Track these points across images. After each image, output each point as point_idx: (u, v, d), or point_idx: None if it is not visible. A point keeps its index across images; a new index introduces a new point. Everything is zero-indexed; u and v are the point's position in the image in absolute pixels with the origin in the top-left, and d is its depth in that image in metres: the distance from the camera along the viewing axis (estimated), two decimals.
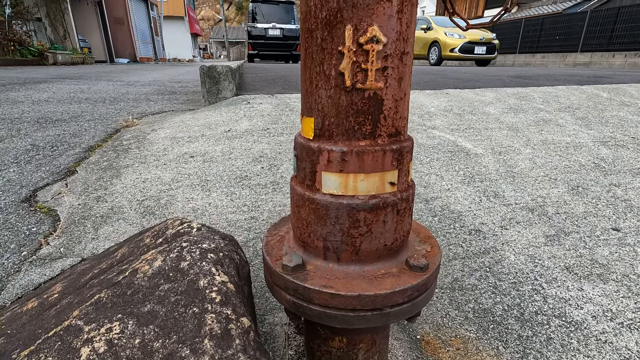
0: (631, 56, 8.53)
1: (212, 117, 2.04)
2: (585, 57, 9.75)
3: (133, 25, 15.01)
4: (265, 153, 1.49)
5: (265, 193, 1.17)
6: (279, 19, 12.62)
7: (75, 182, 1.22)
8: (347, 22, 0.39)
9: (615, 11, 8.97)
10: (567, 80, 3.50)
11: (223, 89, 2.50)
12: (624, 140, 1.84)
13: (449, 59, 10.43)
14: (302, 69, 0.45)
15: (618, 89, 2.92)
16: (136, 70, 7.34)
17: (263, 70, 5.23)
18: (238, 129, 1.80)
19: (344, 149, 0.43)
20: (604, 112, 2.31)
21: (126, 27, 14.56)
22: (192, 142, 1.64)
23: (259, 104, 2.27)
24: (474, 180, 1.35)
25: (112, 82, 4.37)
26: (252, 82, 3.28)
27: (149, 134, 1.78)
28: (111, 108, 2.51)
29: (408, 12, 0.40)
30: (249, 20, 12.45)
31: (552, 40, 10.90)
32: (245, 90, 2.76)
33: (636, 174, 1.47)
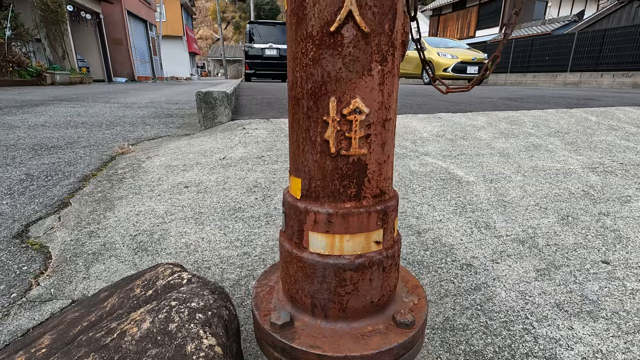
0: (619, 76, 8.77)
1: (208, 144, 2.06)
2: (574, 76, 10.01)
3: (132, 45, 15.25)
4: (259, 183, 1.50)
5: (259, 226, 1.17)
6: (275, 40, 12.88)
7: (68, 216, 1.22)
8: (331, 95, 0.41)
9: (601, 33, 9.28)
10: (557, 103, 3.58)
11: (219, 114, 2.53)
12: (612, 166, 1.87)
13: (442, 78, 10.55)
14: (290, 132, 0.47)
15: (606, 112, 2.99)
16: (134, 91, 7.42)
17: (259, 91, 5.30)
18: (233, 156, 1.82)
19: (330, 210, 0.44)
20: (592, 136, 2.36)
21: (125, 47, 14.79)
22: (187, 170, 1.65)
23: (254, 130, 2.29)
24: (466, 210, 1.36)
25: (110, 104, 4.41)
26: (249, 105, 3.33)
27: (144, 162, 1.79)
28: (107, 133, 2.53)
29: (389, 83, 0.43)
30: (247, 41, 12.70)
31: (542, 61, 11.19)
32: (241, 114, 2.80)
33: (624, 202, 1.49)
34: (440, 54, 10.67)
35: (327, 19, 0.38)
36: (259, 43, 12.63)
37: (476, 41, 21.06)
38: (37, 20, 9.46)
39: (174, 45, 28.33)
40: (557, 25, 16.64)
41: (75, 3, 11.53)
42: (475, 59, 10.43)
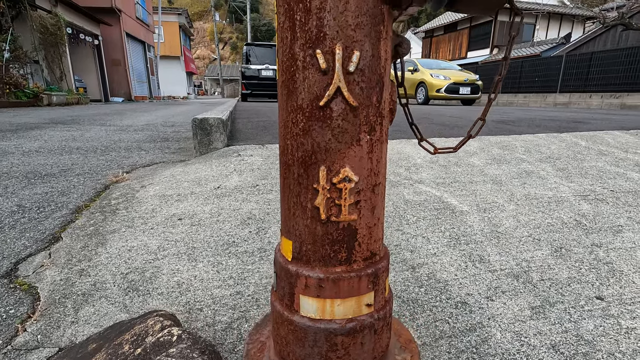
0: (607, 97, 9.01)
1: (203, 172, 2.06)
2: (564, 97, 10.25)
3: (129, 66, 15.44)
4: (253, 214, 1.50)
5: (252, 262, 1.16)
6: (271, 61, 13.14)
7: (59, 252, 1.20)
8: (321, 164, 0.42)
9: (588, 56, 9.58)
10: (548, 127, 3.65)
11: (214, 140, 2.55)
12: (603, 193, 1.90)
13: (436, 98, 10.84)
14: (281, 194, 0.48)
15: (595, 136, 3.05)
16: (130, 112, 7.46)
17: (255, 113, 5.36)
18: (228, 185, 1.82)
19: (320, 275, 0.44)
20: (583, 162, 2.40)
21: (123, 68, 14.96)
22: (181, 201, 1.64)
23: (250, 156, 2.31)
24: (460, 242, 1.36)
25: (105, 126, 4.42)
26: (244, 130, 3.36)
27: (138, 192, 1.79)
28: (102, 159, 2.52)
29: (378, 150, 0.44)
30: (243, 62, 12.93)
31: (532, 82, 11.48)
32: (237, 139, 2.81)
33: (616, 232, 1.50)
34: (434, 75, 10.91)
35: (317, 93, 0.39)
36: (255, 64, 12.87)
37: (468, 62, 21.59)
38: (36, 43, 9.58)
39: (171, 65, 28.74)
40: (545, 47, 17.17)
41: (75, 26, 11.73)
42: (467, 80, 10.68)
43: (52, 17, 10.20)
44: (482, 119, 0.51)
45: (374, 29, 0.39)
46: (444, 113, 5.80)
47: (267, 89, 12.98)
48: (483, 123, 0.52)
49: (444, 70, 10.97)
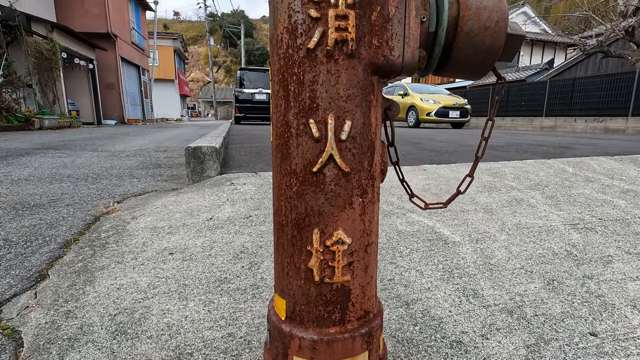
0: (591, 121, 9.31)
1: (195, 202, 2.05)
2: (550, 121, 10.57)
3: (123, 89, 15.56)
4: (246, 247, 1.49)
5: (245, 300, 1.15)
6: (265, 85, 13.35)
7: (45, 291, 1.17)
8: (315, 226, 0.43)
9: (571, 81, 9.96)
10: (535, 152, 3.74)
11: (207, 168, 2.55)
12: (591, 222, 1.93)
13: (426, 121, 11.05)
14: (275, 253, 0.48)
15: (582, 162, 3.13)
16: (123, 136, 7.46)
17: (249, 138, 5.40)
18: (220, 216, 1.81)
19: (314, 337, 0.44)
20: (571, 189, 2.45)
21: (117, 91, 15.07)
22: (173, 233, 1.62)
23: (243, 185, 2.31)
24: (453, 275, 1.36)
25: (97, 152, 4.40)
26: (237, 156, 3.37)
27: (129, 223, 1.76)
28: (93, 188, 2.50)
29: (370, 211, 0.45)
30: (237, 86, 13.12)
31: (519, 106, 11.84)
32: (230, 167, 2.82)
33: (606, 262, 1.52)
34: (423, 100, 11.17)
35: (310, 159, 0.41)
36: (249, 88, 13.07)
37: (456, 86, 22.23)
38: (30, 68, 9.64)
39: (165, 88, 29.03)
40: (530, 72, 17.80)
41: (70, 51, 11.87)
42: (457, 104, 10.95)
43: (47, 43, 10.31)
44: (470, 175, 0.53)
45: (365, 99, 0.41)
46: (435, 137, 5.91)
47: (260, 112, 13.15)
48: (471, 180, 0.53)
49: (434, 94, 11.26)
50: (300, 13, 0.38)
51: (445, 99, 10.90)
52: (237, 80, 12.87)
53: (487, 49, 0.43)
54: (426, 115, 10.61)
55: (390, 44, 0.39)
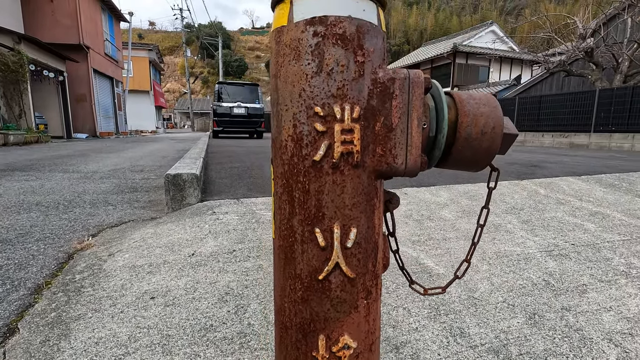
0: (557, 136, 9.84)
1: (176, 234, 1.99)
2: (520, 136, 11.06)
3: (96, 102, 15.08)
4: (231, 288, 1.45)
5: (232, 351, 1.11)
6: (243, 98, 13.29)
7: (15, 350, 1.09)
8: (320, 332, 0.42)
9: (538, 99, 10.51)
10: (509, 172, 3.89)
11: (188, 196, 2.49)
12: (565, 248, 2.01)
13: None
14: (277, 353, 0.47)
15: (552, 184, 3.28)
16: (95, 154, 7.19)
17: (228, 156, 5.33)
18: (203, 251, 1.77)
19: None
20: (544, 212, 2.55)
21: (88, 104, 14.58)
22: (154, 273, 1.57)
23: (225, 214, 2.26)
24: (440, 313, 1.38)
25: (68, 173, 4.22)
26: (218, 179, 3.31)
27: (105, 262, 1.69)
28: (65, 218, 2.38)
29: (374, 310, 0.45)
30: (215, 100, 13.03)
31: None
32: (211, 192, 2.77)
33: (582, 292, 1.58)
34: None
35: (315, 266, 0.40)
36: (227, 102, 12.97)
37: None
38: None
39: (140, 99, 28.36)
40: (499, 87, 18.63)
41: (38, 63, 11.42)
42: None
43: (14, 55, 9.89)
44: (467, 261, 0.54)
45: (369, 203, 0.41)
46: None
47: (238, 126, 13.06)
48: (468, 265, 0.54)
49: None
50: (306, 125, 0.38)
51: None
52: (215, 93, 12.76)
53: (485, 151, 0.45)
54: None
55: (393, 152, 0.40)
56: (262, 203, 2.49)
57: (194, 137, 18.07)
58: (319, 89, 0.37)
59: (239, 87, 13.00)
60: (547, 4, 54.41)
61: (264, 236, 1.96)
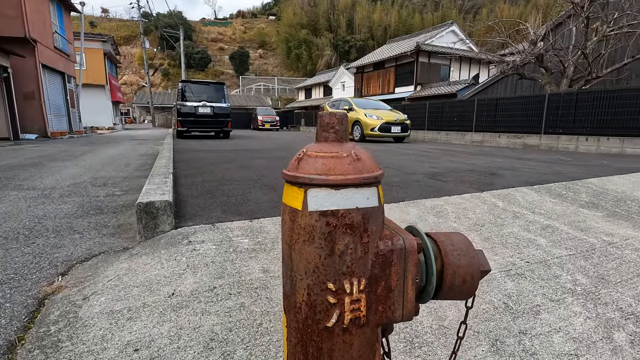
0: (512, 137, 10.54)
1: (152, 270, 1.97)
2: (479, 136, 11.72)
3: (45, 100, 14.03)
4: (216, 333, 1.48)
5: None
6: (209, 97, 12.97)
7: None
8: None
9: (494, 101, 11.16)
10: (470, 182, 4.14)
11: (161, 223, 2.46)
12: (521, 267, 2.22)
13: (370, 136, 11.54)
14: None
15: (509, 196, 3.55)
16: (49, 161, 6.75)
17: (197, 165, 5.22)
18: (183, 290, 1.77)
19: None
20: (502, 228, 2.77)
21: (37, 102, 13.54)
22: (134, 319, 1.56)
23: (201, 243, 2.26)
24: (414, 346, 1.49)
25: (23, 190, 3.96)
26: (190, 199, 3.26)
27: (80, 308, 1.65)
28: (28, 252, 2.27)
29: None
30: (178, 99, 12.61)
31: (452, 121, 12.95)
32: (184, 216, 2.73)
33: (536, 313, 1.77)
34: (368, 115, 11.67)
35: None
36: (191, 101, 12.59)
37: (396, 97, 23.53)
38: None
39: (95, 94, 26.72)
40: (459, 86, 19.47)
41: None
42: (398, 120, 11.61)
43: None
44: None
45: (371, 348, 0.48)
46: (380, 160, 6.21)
47: (204, 126, 12.74)
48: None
49: (377, 110, 11.84)
50: (319, 296, 0.44)
51: (388, 114, 11.52)
52: (178, 92, 12.32)
53: (466, 292, 0.53)
54: (370, 131, 11.12)
55: (392, 308, 0.47)
56: (237, 228, 2.51)
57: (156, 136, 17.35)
58: (331, 268, 0.44)
59: (204, 86, 12.63)
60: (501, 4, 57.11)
61: (242, 269, 1.99)
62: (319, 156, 0.45)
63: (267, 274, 1.97)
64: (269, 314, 1.63)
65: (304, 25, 63.52)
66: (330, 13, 62.63)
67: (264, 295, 1.77)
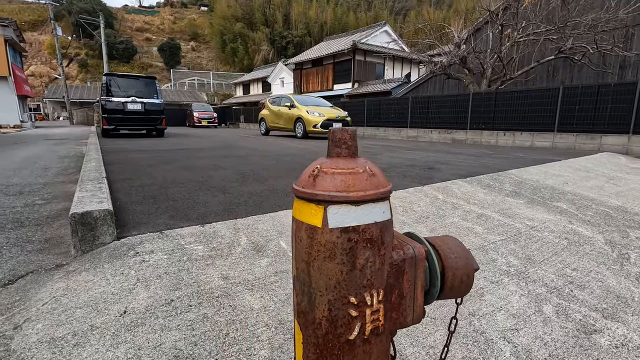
0: (443, 132, 11.46)
1: (97, 287, 1.79)
2: (414, 131, 12.53)
3: None
4: (179, 349, 1.40)
5: None
6: (138, 92, 12.03)
7: None
8: None
9: (427, 99, 12.01)
10: (412, 176, 4.41)
11: (101, 234, 2.24)
12: None
13: (313, 133, 11.67)
14: None
15: (447, 188, 3.85)
16: None
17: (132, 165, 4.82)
18: (136, 307, 1.64)
19: None
20: (445, 219, 3.01)
21: None
22: (83, 345, 1.41)
23: (150, 254, 2.11)
24: None
25: None
26: (130, 205, 3.01)
27: (13, 339, 1.44)
28: None
29: None
30: (103, 94, 11.51)
31: (389, 117, 13.64)
32: (126, 224, 2.52)
33: (480, 295, 1.96)
34: (310, 112, 11.77)
35: None
36: (118, 96, 11.57)
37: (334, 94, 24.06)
38: None
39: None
40: (394, 84, 20.53)
41: None
42: (339, 117, 11.89)
43: None
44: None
45: (385, 354, 0.50)
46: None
47: (134, 123, 11.79)
48: None
49: (319, 107, 12.00)
50: (341, 310, 0.45)
51: (329, 111, 11.74)
52: (103, 87, 11.20)
53: (463, 290, 0.58)
54: (313, 127, 11.24)
55: (404, 314, 0.49)
56: (189, 235, 2.38)
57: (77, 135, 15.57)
58: (352, 283, 0.44)
59: (132, 80, 11.63)
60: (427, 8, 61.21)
61: (200, 278, 1.90)
62: (336, 173, 0.45)
63: (227, 281, 1.90)
64: (235, 323, 1.59)
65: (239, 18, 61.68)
66: (266, 7, 61.62)
67: (226, 303, 1.72)
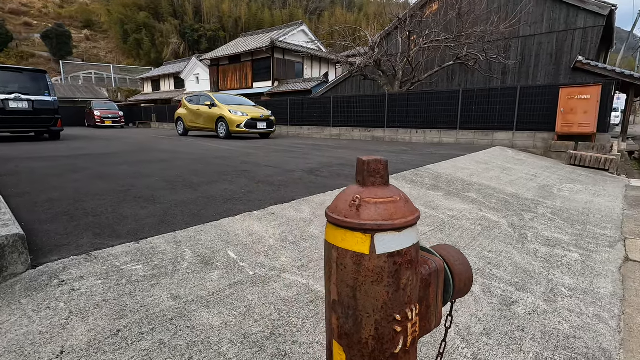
0: (363, 131, 12.17)
1: (17, 329, 1.53)
2: (336, 130, 13.04)
3: None
4: None
5: None
6: (22, 88, 10.29)
7: None
8: None
9: (347, 99, 12.60)
10: (344, 175, 4.62)
11: (11, 264, 1.91)
12: None
13: (237, 133, 11.38)
14: None
15: None
16: None
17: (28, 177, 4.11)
18: (76, 344, 1.45)
19: None
20: None
21: None
22: None
23: (80, 280, 1.87)
24: None
25: None
26: (39, 225, 2.59)
27: None
28: None
29: None
30: None
31: (312, 116, 13.96)
32: (40, 249, 2.17)
33: None
34: (232, 112, 11.44)
35: None
36: None
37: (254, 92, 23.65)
38: None
39: None
40: (313, 83, 21.01)
41: None
42: (263, 116, 11.78)
43: None
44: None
45: None
46: (257, 161, 6.21)
47: (19, 125, 10.05)
48: None
49: (241, 106, 11.70)
50: (387, 328, 0.49)
51: (253, 110, 11.53)
52: None
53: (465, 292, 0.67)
54: (237, 127, 10.94)
55: (429, 321, 0.55)
56: (123, 254, 2.16)
57: None
58: (397, 302, 0.49)
59: (14, 74, 9.81)
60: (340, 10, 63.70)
61: (147, 301, 1.75)
62: (379, 202, 0.49)
63: (179, 300, 1.79)
64: (197, 344, 1.51)
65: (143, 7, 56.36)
66: None
67: (183, 325, 1.62)
